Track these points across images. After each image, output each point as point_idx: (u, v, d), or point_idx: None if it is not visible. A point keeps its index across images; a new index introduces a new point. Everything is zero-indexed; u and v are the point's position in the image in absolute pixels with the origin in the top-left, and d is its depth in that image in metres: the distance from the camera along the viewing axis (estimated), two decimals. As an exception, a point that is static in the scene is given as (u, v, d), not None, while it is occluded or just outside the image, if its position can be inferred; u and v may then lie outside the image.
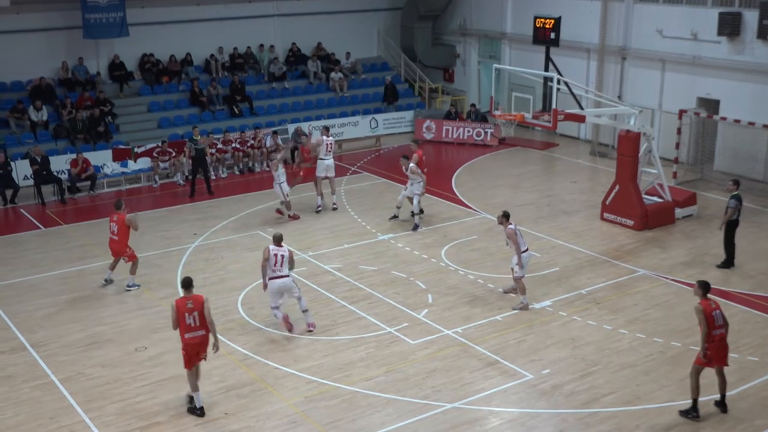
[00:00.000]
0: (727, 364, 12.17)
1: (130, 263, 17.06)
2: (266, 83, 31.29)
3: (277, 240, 14.57)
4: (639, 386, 13.03)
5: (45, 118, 26.42)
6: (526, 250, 15.86)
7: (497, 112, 20.94)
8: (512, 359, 13.89)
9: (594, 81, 28.19)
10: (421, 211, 20.57)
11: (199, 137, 23.71)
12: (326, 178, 21.77)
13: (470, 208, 22.11)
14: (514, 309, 15.76)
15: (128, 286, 17.10)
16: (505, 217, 15.76)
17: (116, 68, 28.98)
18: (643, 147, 20.59)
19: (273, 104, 30.35)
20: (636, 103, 24.89)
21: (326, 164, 21.65)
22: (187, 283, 12.23)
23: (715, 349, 11.92)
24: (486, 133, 29.49)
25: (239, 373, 13.55)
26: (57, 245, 19.82)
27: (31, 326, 15.42)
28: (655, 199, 21.00)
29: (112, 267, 17.31)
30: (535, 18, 21.20)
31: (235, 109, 29.28)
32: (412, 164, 20.18)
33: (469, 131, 29.81)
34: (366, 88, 32.59)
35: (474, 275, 17.43)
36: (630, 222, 20.27)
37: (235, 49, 31.24)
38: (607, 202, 20.83)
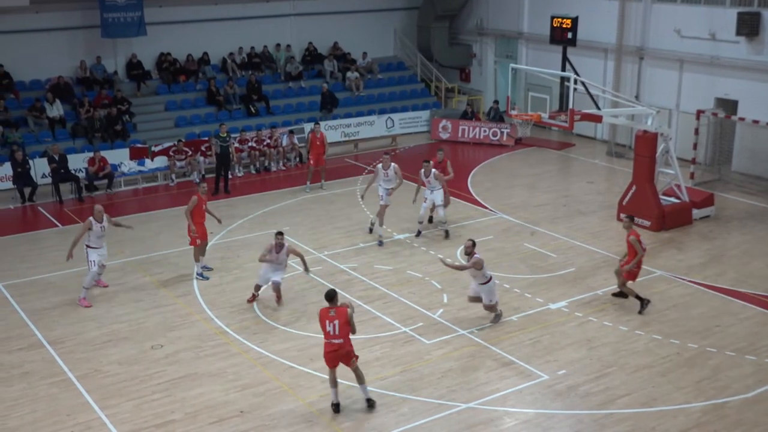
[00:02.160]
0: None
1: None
2: (283, 82, 31.36)
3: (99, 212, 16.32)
4: (655, 388, 12.97)
5: (61, 113, 26.59)
6: (489, 280, 14.83)
7: (514, 112, 20.90)
8: (528, 360, 13.86)
9: (611, 81, 28.07)
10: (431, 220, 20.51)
11: (225, 134, 23.81)
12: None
13: (486, 208, 22.07)
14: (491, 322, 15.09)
15: (196, 274, 17.62)
16: (474, 245, 14.83)
17: (134, 67, 29.14)
18: (660, 147, 20.50)
19: (289, 103, 30.41)
20: (653, 103, 24.77)
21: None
22: (330, 296, 12.09)
23: (639, 267, 15.78)
24: (502, 133, 29.43)
25: (255, 372, 13.59)
26: (74, 243, 19.92)
27: (48, 323, 15.53)
28: (672, 199, 20.90)
29: (196, 258, 17.68)
30: (552, 18, 21.13)
31: (252, 109, 29.37)
32: (435, 170, 19.54)
33: (485, 131, 29.77)
34: (382, 88, 32.61)
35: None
36: (647, 223, 20.18)
37: (252, 48, 31.33)
38: (624, 203, 20.74)
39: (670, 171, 20.88)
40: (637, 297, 15.63)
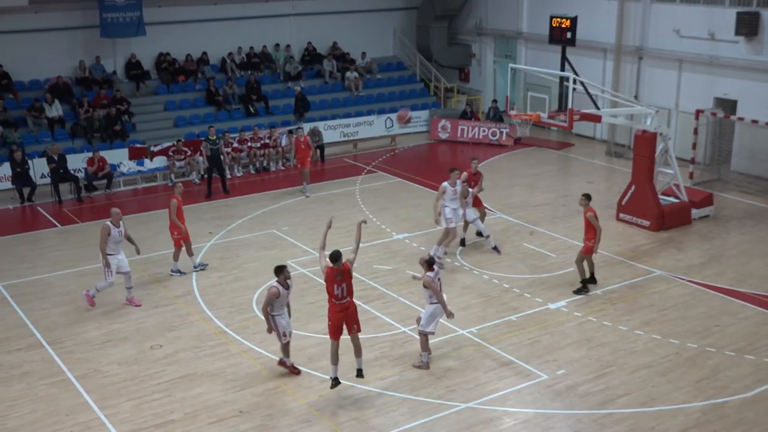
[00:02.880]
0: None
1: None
2: (282, 82, 31.36)
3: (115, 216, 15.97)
4: (654, 387, 12.98)
5: (60, 113, 26.58)
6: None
7: (513, 112, 20.90)
8: (527, 359, 13.86)
9: (610, 81, 28.07)
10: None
11: (214, 137, 23.80)
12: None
13: (486, 208, 22.02)
14: (414, 366, 13.64)
15: (171, 270, 17.82)
16: (429, 264, 13.31)
17: (133, 67, 29.14)
18: (659, 147, 20.50)
19: (289, 103, 30.37)
20: (652, 103, 24.78)
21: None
22: (335, 257, 12.39)
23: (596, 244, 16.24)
24: (501, 132, 29.44)
25: (254, 372, 13.59)
26: (74, 243, 19.94)
27: (48, 324, 15.52)
28: (672, 199, 20.90)
29: (178, 256, 17.80)
30: (551, 17, 21.15)
31: (251, 109, 29.36)
32: (463, 183, 18.14)
33: (484, 131, 29.77)
34: (381, 88, 32.60)
35: (489, 275, 17.41)
36: (646, 222, 20.19)
37: (251, 48, 31.32)
38: (623, 203, 20.75)
39: (669, 171, 20.88)
40: (582, 280, 16.51)
